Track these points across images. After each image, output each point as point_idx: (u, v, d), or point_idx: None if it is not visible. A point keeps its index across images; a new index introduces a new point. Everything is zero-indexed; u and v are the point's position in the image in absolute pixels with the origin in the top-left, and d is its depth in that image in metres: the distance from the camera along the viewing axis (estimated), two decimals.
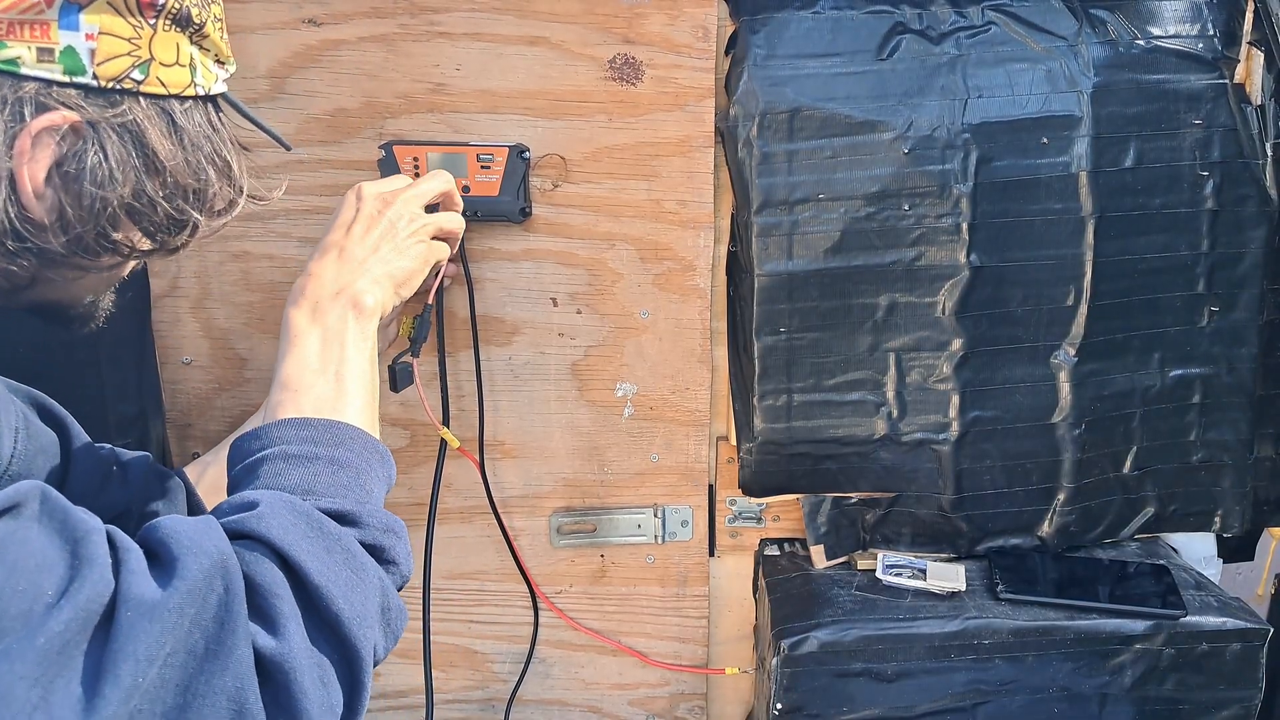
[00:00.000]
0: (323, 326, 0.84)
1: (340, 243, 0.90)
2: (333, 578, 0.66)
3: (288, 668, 0.61)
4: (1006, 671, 1.16)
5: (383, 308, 0.89)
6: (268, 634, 0.62)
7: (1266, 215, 1.15)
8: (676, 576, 1.27)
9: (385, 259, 0.91)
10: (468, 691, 1.30)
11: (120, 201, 0.67)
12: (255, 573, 0.63)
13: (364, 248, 0.91)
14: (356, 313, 0.86)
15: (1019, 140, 1.10)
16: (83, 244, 0.68)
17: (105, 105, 0.66)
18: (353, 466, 0.75)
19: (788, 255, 1.12)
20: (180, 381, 1.16)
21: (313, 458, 0.74)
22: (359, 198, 0.94)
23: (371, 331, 0.87)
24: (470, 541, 1.24)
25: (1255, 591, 1.34)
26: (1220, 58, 1.11)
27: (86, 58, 0.64)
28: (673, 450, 1.22)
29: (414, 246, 0.95)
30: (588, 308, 1.16)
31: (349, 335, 0.85)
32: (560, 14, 1.06)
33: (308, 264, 0.89)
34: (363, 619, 0.67)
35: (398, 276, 0.92)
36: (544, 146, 1.10)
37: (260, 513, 0.66)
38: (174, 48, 0.68)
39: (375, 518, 0.73)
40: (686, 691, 1.32)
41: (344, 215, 0.93)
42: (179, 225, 0.73)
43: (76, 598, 0.55)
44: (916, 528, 1.24)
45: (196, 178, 0.72)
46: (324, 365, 0.82)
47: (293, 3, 1.04)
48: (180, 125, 0.70)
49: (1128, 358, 1.19)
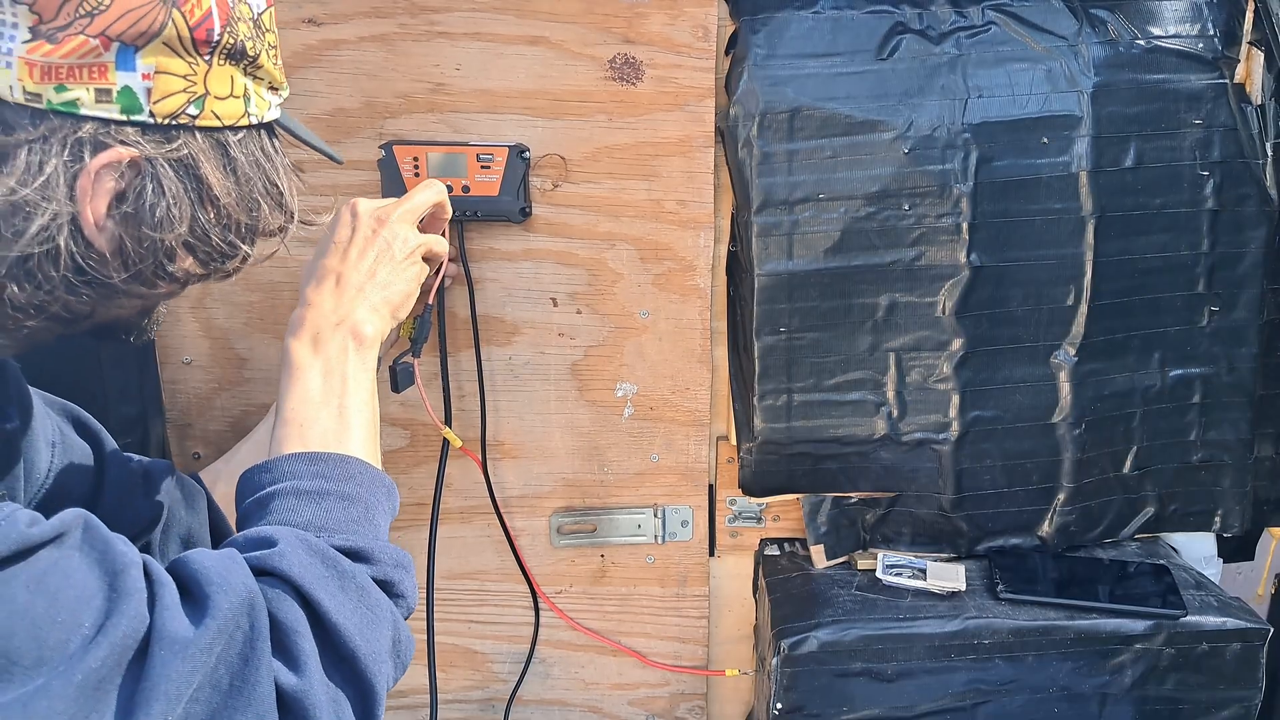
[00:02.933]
0: (324, 359, 0.85)
1: (337, 269, 0.90)
2: (349, 615, 0.69)
3: (308, 704, 0.64)
4: (1006, 671, 1.16)
5: (381, 335, 0.90)
6: (289, 670, 0.64)
7: (1266, 215, 1.15)
8: (676, 576, 1.27)
9: (382, 284, 0.91)
10: (467, 691, 1.30)
11: (177, 237, 0.69)
12: (278, 610, 0.65)
13: (360, 273, 0.90)
14: (357, 343, 0.86)
15: (1019, 140, 1.10)
16: (141, 277, 0.69)
17: (162, 141, 0.66)
18: (362, 501, 0.77)
19: (788, 255, 1.12)
20: (180, 381, 1.16)
21: (324, 494, 0.75)
22: (354, 215, 0.93)
23: (371, 361, 0.88)
24: (470, 541, 1.24)
25: (1255, 591, 1.34)
26: (1220, 57, 1.11)
27: (143, 97, 0.64)
28: (673, 450, 1.22)
29: (408, 269, 0.94)
30: (588, 308, 1.16)
31: (350, 367, 0.85)
32: (560, 14, 1.06)
33: (304, 291, 0.89)
34: (377, 655, 0.69)
35: (394, 301, 0.92)
36: (544, 146, 1.10)
37: (281, 550, 0.68)
38: (228, 80, 0.69)
39: (386, 554, 0.75)
40: (686, 691, 1.32)
41: (339, 235, 0.93)
42: (232, 254, 0.74)
43: (113, 634, 0.56)
44: (916, 527, 1.24)
45: (249, 211, 0.73)
46: (326, 398, 0.83)
47: (292, 2, 1.04)
48: (234, 157, 0.71)
49: (1128, 357, 1.19)
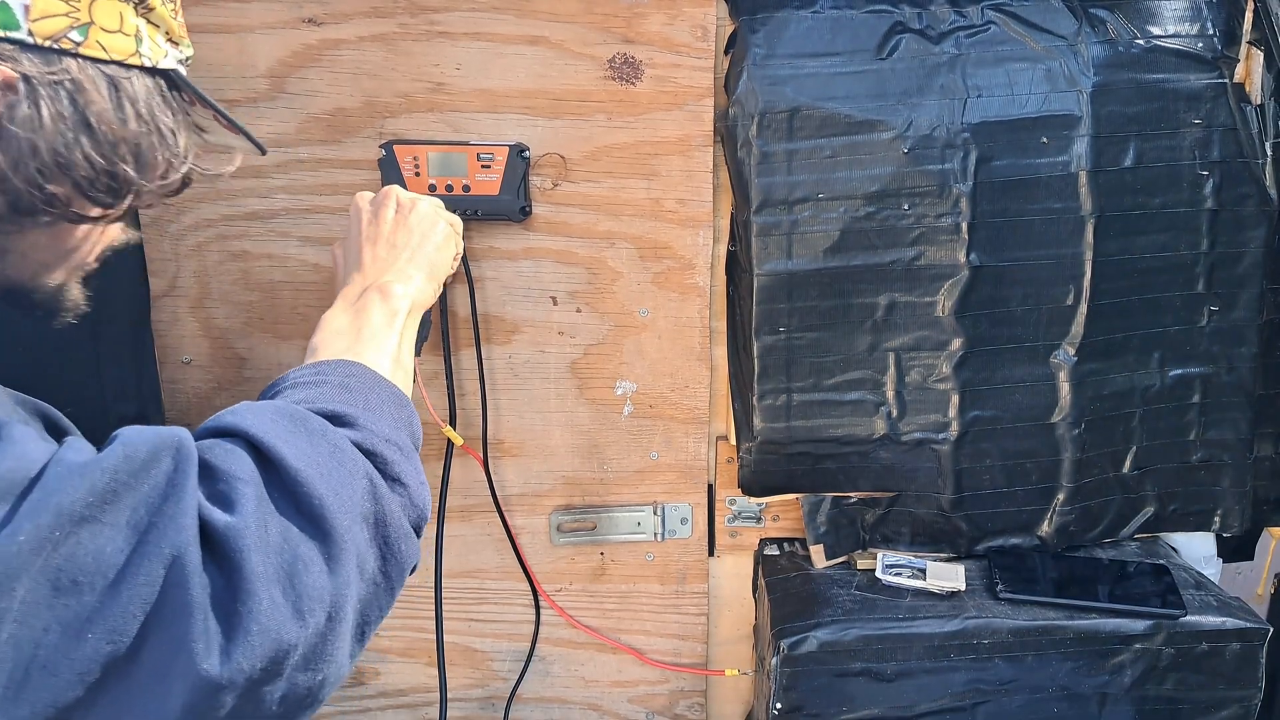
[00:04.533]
0: (351, 309, 0.88)
1: (367, 249, 0.95)
2: (313, 463, 0.65)
3: (238, 543, 0.59)
4: (1006, 671, 1.16)
5: (411, 295, 0.92)
6: (221, 510, 0.60)
7: (1266, 214, 1.15)
8: (676, 574, 1.27)
9: (415, 249, 0.96)
10: (467, 690, 1.30)
11: (51, 151, 0.66)
12: (216, 457, 0.63)
13: (393, 245, 0.95)
14: (382, 297, 0.89)
15: (1018, 140, 1.10)
16: (19, 199, 0.67)
17: (42, 63, 0.65)
18: (360, 392, 0.76)
19: (787, 255, 1.12)
20: (179, 381, 1.16)
21: (320, 383, 0.75)
22: (358, 209, 0.98)
23: (398, 317, 0.89)
24: (470, 540, 1.24)
25: (1255, 591, 1.34)
26: (1220, 57, 1.11)
27: (20, 13, 0.64)
28: (672, 448, 1.22)
29: (432, 225, 0.98)
30: (587, 306, 1.16)
31: (373, 315, 0.88)
32: (560, 13, 1.06)
33: (341, 279, 0.94)
34: (346, 509, 0.65)
35: (433, 261, 0.97)
36: (544, 146, 1.10)
37: (236, 409, 0.66)
38: (117, 15, 0.69)
39: (376, 426, 0.72)
40: (686, 689, 1.32)
41: (351, 230, 0.98)
42: (116, 187, 0.71)
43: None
44: (916, 527, 1.24)
45: (134, 141, 0.71)
46: (348, 329, 0.86)
47: (293, 2, 1.04)
48: (122, 90, 0.70)
49: (1127, 357, 1.19)
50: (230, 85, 1.07)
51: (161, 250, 1.11)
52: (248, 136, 0.83)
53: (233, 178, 1.08)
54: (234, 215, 1.11)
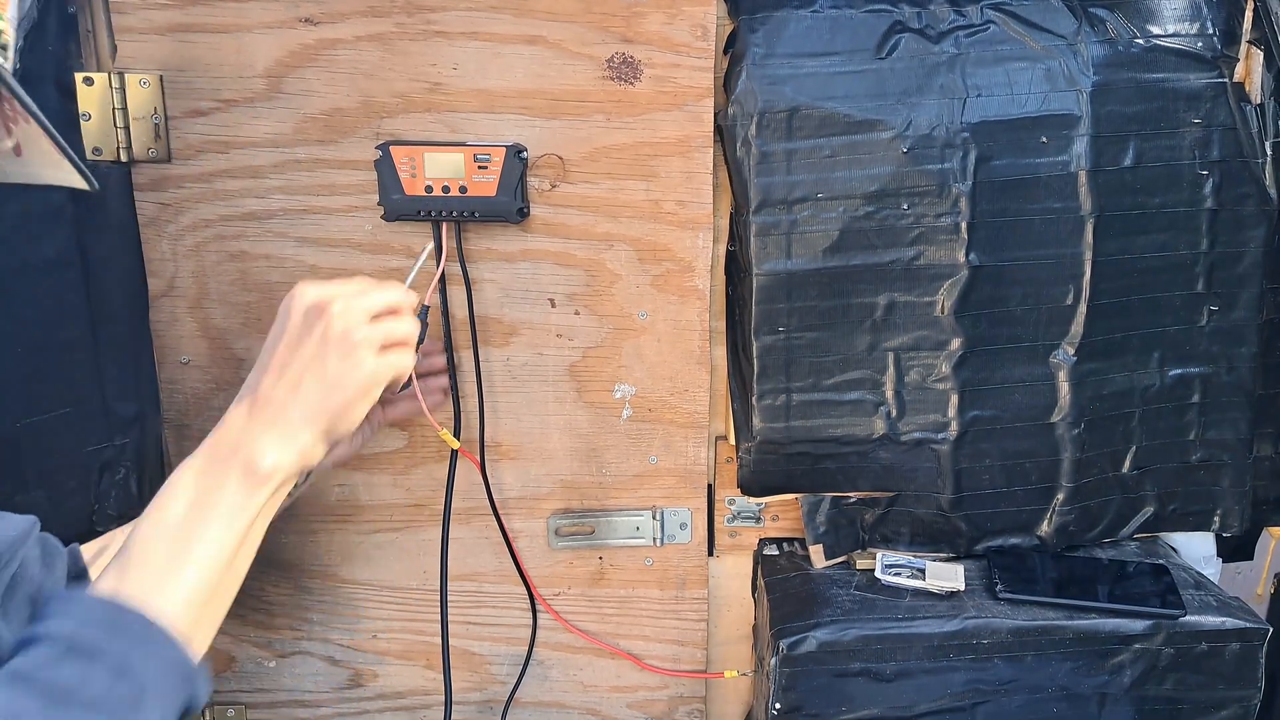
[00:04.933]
0: (209, 476, 0.79)
1: (257, 381, 0.84)
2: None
3: None
4: (1005, 671, 1.15)
5: (291, 464, 0.82)
6: None
7: (1266, 214, 1.15)
8: (675, 579, 1.27)
9: (307, 398, 0.83)
10: (465, 693, 1.29)
11: None
12: None
13: (283, 385, 0.83)
14: (246, 477, 0.79)
15: (1018, 139, 1.10)
16: None
17: None
18: (138, 681, 0.67)
19: (786, 254, 1.12)
20: (178, 381, 1.16)
21: (97, 655, 0.66)
22: (288, 312, 0.86)
23: (262, 496, 0.80)
24: (468, 543, 1.24)
25: (1255, 591, 1.34)
26: (1220, 56, 1.11)
27: None
28: (671, 452, 1.22)
29: (351, 373, 0.85)
30: (586, 309, 1.16)
31: (224, 506, 0.78)
32: (558, 13, 1.06)
33: (247, 384, 0.85)
34: None
35: (333, 409, 0.84)
36: (541, 146, 1.10)
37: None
38: None
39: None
40: (686, 694, 1.32)
41: (271, 333, 0.86)
42: None
43: None
44: (915, 527, 1.24)
45: None
46: (184, 517, 0.76)
47: (289, 1, 1.04)
48: None
49: (1127, 357, 1.19)
50: (228, 86, 1.06)
51: (159, 250, 1.11)
52: (76, 165, 0.73)
53: (230, 178, 1.09)
54: (231, 215, 1.10)
